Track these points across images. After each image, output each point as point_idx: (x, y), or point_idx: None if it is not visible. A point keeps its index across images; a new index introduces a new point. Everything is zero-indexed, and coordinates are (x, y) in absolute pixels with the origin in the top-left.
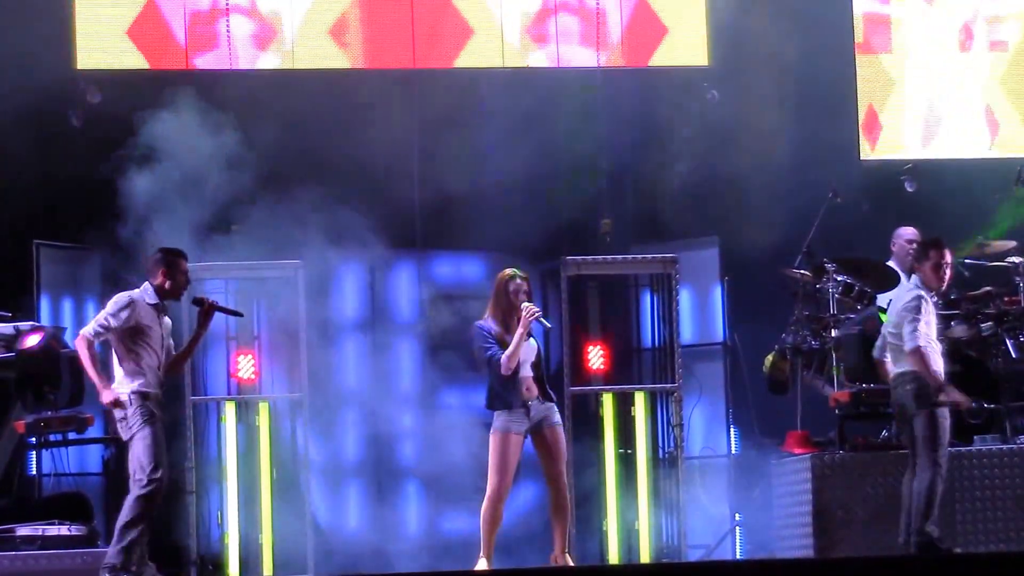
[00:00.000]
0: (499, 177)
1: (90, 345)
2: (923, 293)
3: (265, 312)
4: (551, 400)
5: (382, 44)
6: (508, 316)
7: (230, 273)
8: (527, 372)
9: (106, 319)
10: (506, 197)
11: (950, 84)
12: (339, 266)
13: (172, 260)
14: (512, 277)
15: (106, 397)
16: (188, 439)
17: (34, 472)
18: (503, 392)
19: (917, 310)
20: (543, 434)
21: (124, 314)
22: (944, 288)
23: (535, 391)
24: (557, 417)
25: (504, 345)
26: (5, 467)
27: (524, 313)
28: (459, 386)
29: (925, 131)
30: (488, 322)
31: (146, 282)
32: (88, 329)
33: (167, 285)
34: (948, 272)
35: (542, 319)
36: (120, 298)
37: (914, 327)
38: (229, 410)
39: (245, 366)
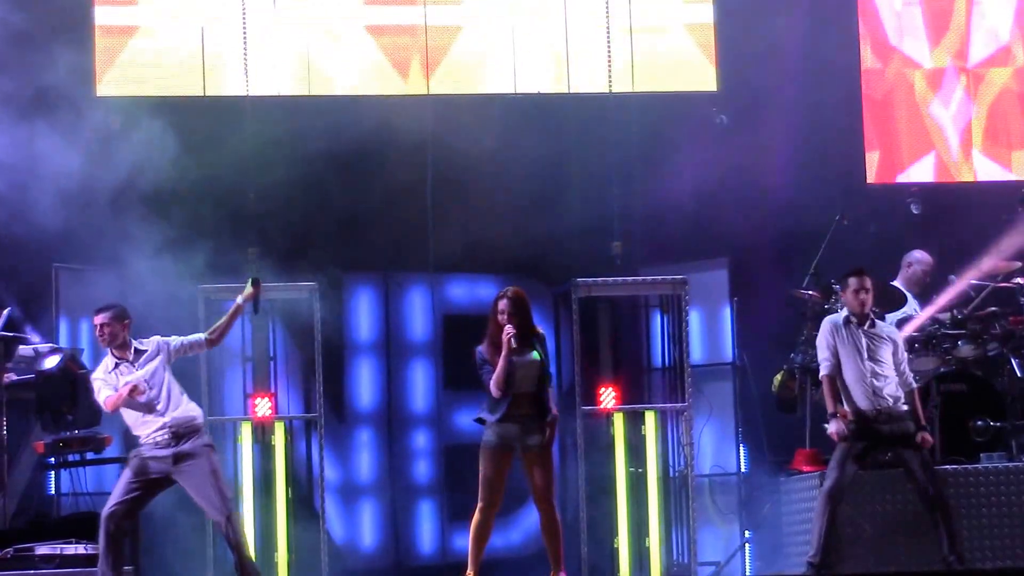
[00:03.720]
0: (511, 200)
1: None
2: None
3: (281, 333)
4: (549, 418)
5: (395, 69)
6: (497, 335)
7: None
8: (528, 389)
9: None
10: (518, 219)
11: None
12: (354, 288)
13: None
14: (500, 298)
15: None
16: None
17: (53, 492)
18: (491, 408)
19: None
20: (526, 454)
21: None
22: (863, 312)
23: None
24: (537, 438)
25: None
26: (25, 487)
27: (503, 336)
28: (473, 405)
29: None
30: (484, 344)
31: None
32: None
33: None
34: (866, 298)
35: (512, 339)
36: None
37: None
38: (245, 430)
39: (262, 406)
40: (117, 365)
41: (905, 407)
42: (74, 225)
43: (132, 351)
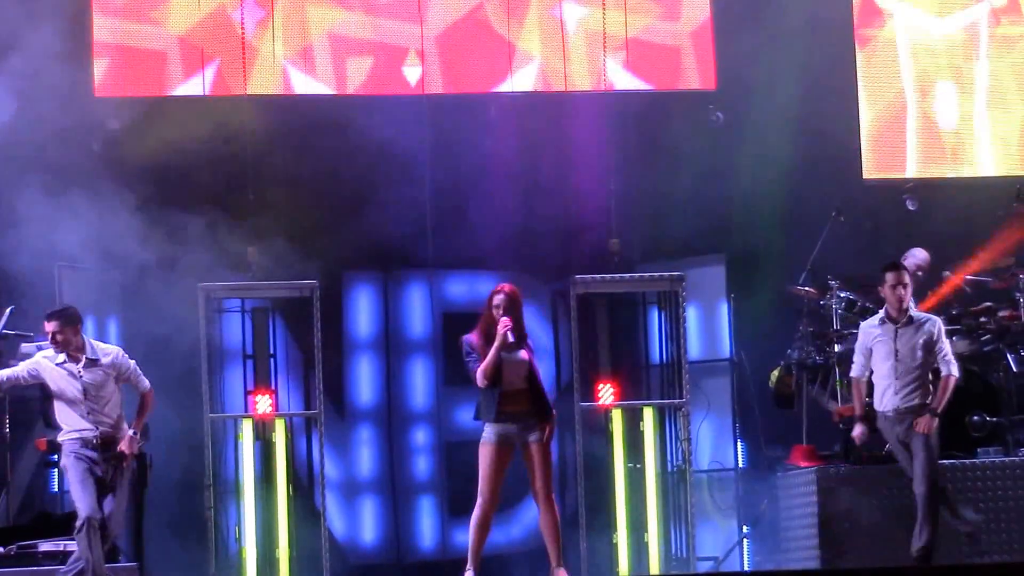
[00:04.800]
0: (509, 197)
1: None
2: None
3: (281, 331)
4: (545, 414)
5: (394, 69)
6: (490, 328)
7: (247, 293)
8: (519, 385)
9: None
10: (516, 217)
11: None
12: (354, 285)
13: None
14: (496, 292)
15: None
16: (206, 456)
17: (56, 489)
18: (485, 404)
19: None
20: (525, 450)
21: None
22: (901, 308)
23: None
24: (536, 435)
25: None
26: (27, 484)
27: (498, 328)
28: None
29: (927, 150)
30: (472, 335)
31: None
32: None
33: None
34: (904, 293)
35: (509, 333)
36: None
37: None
38: (246, 427)
39: (263, 403)
40: (66, 361)
41: (916, 402)
42: (73, 224)
43: (84, 358)
